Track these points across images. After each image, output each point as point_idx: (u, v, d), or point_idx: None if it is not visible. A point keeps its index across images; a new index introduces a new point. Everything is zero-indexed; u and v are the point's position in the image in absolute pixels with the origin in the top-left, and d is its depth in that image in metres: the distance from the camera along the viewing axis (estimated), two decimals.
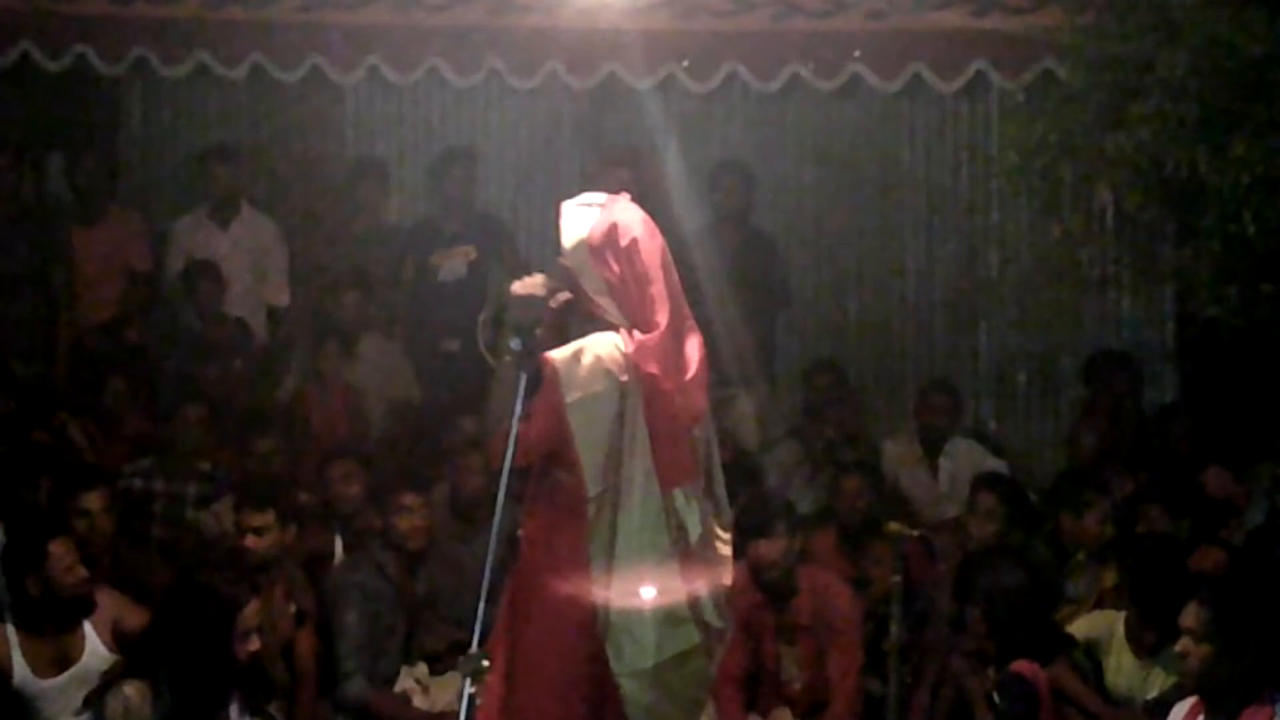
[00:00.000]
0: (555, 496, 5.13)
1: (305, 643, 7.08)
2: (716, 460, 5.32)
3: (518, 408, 4.98)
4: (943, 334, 9.78)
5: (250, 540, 6.98)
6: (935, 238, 9.76)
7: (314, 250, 9.50)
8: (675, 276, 5.23)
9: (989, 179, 9.43)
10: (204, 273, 9.04)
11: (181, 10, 8.69)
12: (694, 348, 5.17)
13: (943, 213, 9.71)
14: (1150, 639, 6.64)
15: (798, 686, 7.13)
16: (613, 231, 5.15)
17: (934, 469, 8.60)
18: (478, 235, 9.21)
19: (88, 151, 9.51)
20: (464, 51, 8.63)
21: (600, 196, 5.30)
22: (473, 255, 9.14)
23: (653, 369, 5.08)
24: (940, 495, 8.52)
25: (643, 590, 5.08)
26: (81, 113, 9.75)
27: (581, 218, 5.21)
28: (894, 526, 7.31)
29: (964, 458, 8.58)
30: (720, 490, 5.32)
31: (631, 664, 5.08)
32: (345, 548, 7.58)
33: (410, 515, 7.23)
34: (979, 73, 8.43)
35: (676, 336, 5.14)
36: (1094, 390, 8.81)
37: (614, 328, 5.13)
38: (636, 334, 5.10)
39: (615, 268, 5.13)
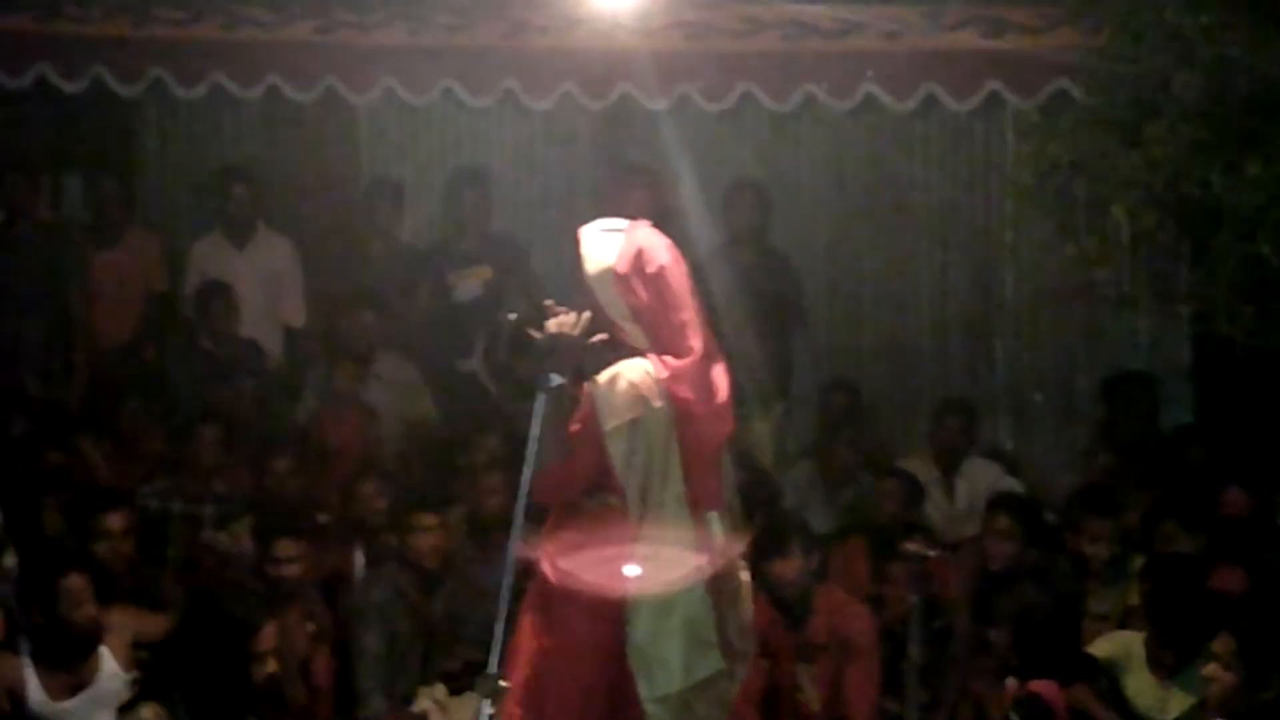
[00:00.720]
0: (593, 522, 5.11)
1: (322, 662, 7.10)
2: (732, 483, 5.32)
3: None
4: (958, 353, 9.78)
5: (285, 569, 7.00)
6: (950, 257, 9.77)
7: (330, 271, 9.51)
8: (699, 302, 5.24)
9: (1003, 199, 9.44)
10: (217, 294, 9.06)
11: (198, 32, 8.71)
12: (720, 373, 5.16)
13: (957, 232, 9.72)
14: (1169, 660, 6.63)
15: (815, 706, 7.12)
16: (640, 258, 5.13)
17: (950, 488, 8.60)
18: (493, 255, 9.22)
19: (105, 173, 9.55)
20: (479, 72, 8.65)
21: (622, 222, 5.29)
22: (488, 275, 9.16)
23: (687, 394, 5.07)
24: (957, 515, 8.51)
25: (674, 615, 5.08)
26: (98, 134, 9.78)
27: (605, 243, 5.19)
28: (911, 546, 7.30)
29: (980, 477, 8.58)
30: (736, 512, 5.32)
31: (661, 689, 5.07)
32: (367, 566, 7.59)
33: (427, 535, 7.25)
34: (993, 93, 8.44)
35: (708, 361, 5.14)
36: (1112, 411, 8.80)
37: (639, 353, 5.13)
38: (669, 359, 5.09)
39: (643, 294, 5.10)
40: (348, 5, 8.54)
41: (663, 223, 9.23)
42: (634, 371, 5.08)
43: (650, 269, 5.12)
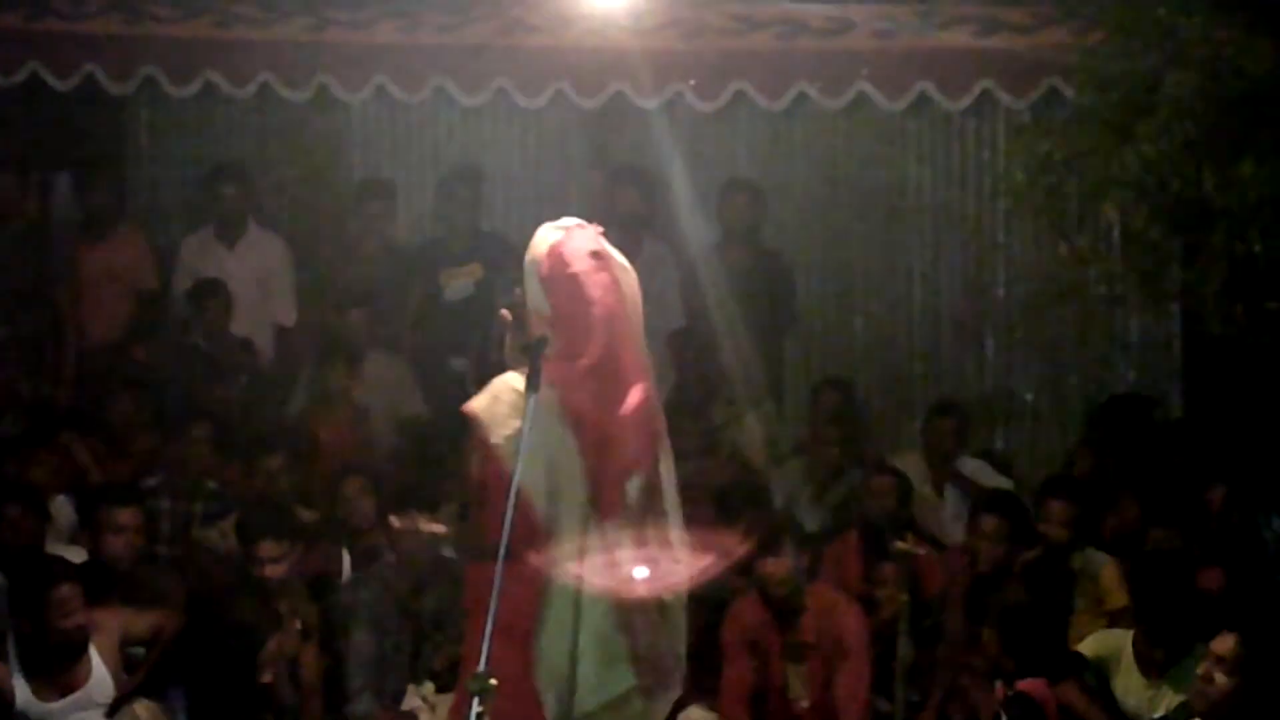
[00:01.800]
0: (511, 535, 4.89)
1: (311, 660, 7.09)
2: (674, 503, 5.17)
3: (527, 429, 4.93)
4: (949, 352, 9.78)
5: (269, 569, 6.99)
6: (942, 256, 9.76)
7: (321, 269, 9.50)
8: (632, 317, 5.11)
9: (995, 197, 9.44)
10: (211, 291, 9.04)
11: (190, 30, 8.71)
12: (636, 393, 5.00)
13: (949, 231, 9.72)
14: (1158, 658, 6.63)
15: (805, 705, 7.12)
16: (561, 260, 5.07)
17: (941, 488, 8.59)
18: (484, 254, 9.20)
19: (96, 171, 9.53)
20: (471, 70, 8.65)
21: (573, 221, 5.25)
22: (479, 274, 9.14)
23: (576, 403, 4.98)
24: (947, 514, 8.51)
25: (581, 634, 4.93)
26: (89, 131, 9.76)
27: (543, 241, 5.16)
28: (901, 545, 7.31)
29: (971, 477, 8.57)
30: (679, 533, 5.15)
31: (570, 710, 4.90)
32: (354, 565, 7.58)
33: (415, 534, 7.24)
34: (985, 91, 8.45)
35: (608, 374, 5.00)
36: (1107, 431, 8.76)
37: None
38: (562, 367, 4.98)
39: (559, 297, 5.04)
40: (340, 4, 8.54)
41: (655, 222, 9.37)
42: (520, 381, 5.00)
43: (568, 271, 5.06)
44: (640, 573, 4.99)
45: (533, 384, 4.94)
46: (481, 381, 5.30)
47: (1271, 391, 8.12)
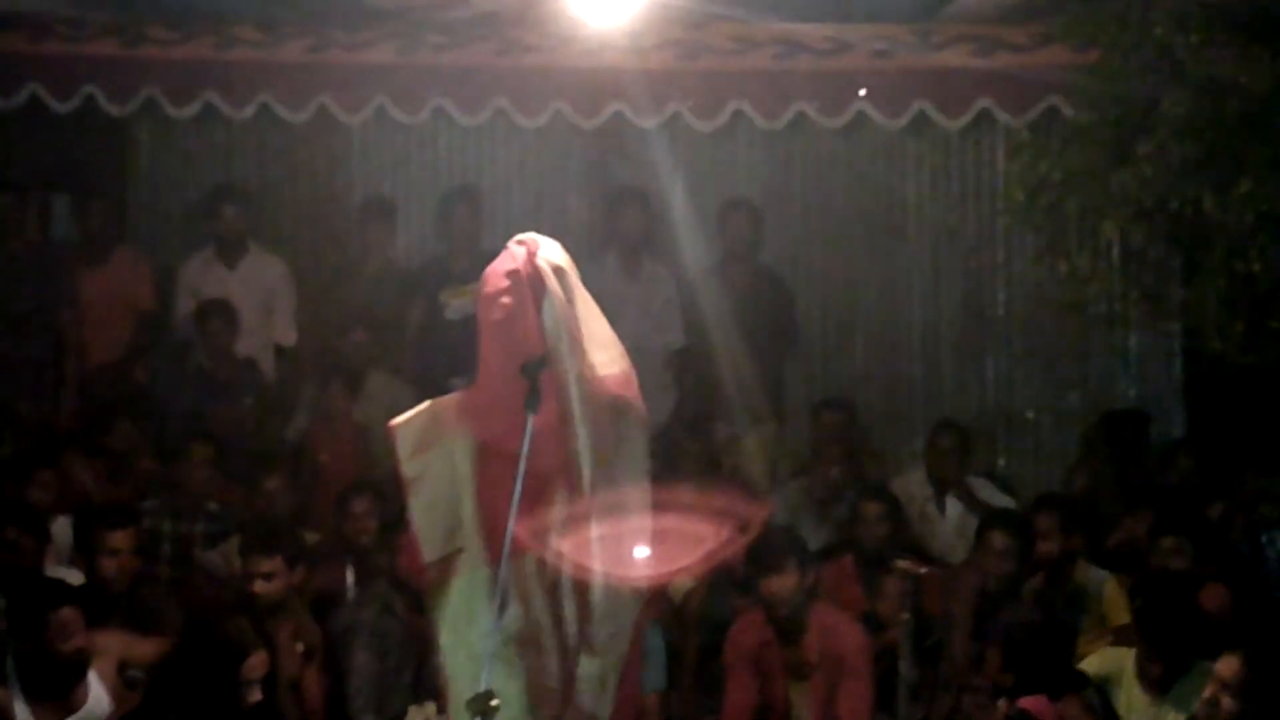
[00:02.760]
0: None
1: (313, 681, 7.08)
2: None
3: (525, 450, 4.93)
4: (950, 371, 9.79)
5: (259, 585, 6.97)
6: (941, 275, 9.78)
7: (321, 289, 9.51)
8: (529, 340, 5.06)
9: (995, 216, 9.46)
10: (217, 312, 9.05)
11: (190, 51, 8.73)
12: (535, 419, 4.92)
13: (949, 250, 9.74)
14: (1161, 676, 6.63)
15: None
16: (491, 280, 5.10)
17: (943, 507, 8.59)
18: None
19: (95, 193, 9.54)
20: (470, 91, 8.68)
21: (529, 236, 5.25)
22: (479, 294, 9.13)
23: (471, 424, 4.97)
24: (949, 533, 8.51)
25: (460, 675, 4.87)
26: (89, 153, 9.77)
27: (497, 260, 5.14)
28: (903, 564, 7.30)
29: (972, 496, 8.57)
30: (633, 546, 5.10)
31: None
32: (357, 585, 7.57)
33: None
34: (984, 110, 8.49)
35: (500, 396, 4.97)
36: (1105, 447, 8.77)
37: None
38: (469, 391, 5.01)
39: (485, 316, 5.05)
40: (339, 25, 8.56)
41: (654, 240, 9.38)
42: (442, 402, 4.99)
43: (489, 291, 5.08)
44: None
45: (531, 404, 4.93)
46: None
47: (1272, 408, 8.13)
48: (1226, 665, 5.75)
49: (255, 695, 6.69)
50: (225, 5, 8.27)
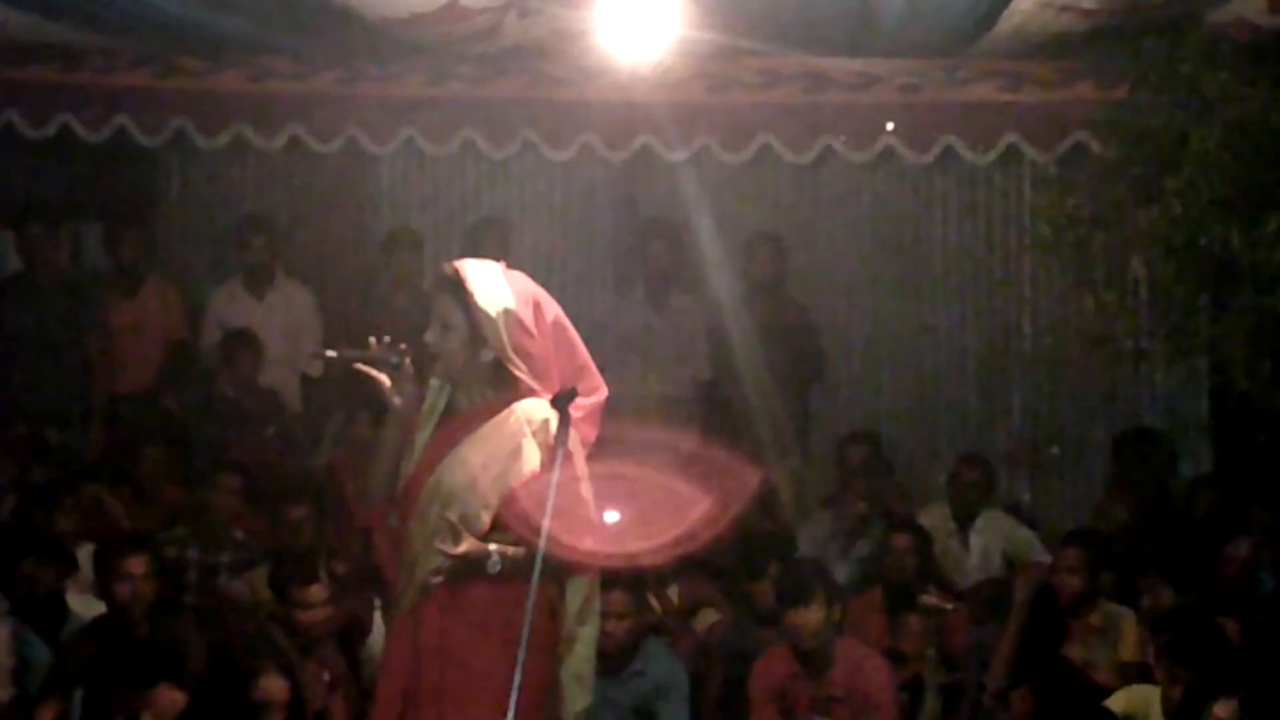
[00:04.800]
0: None
1: (339, 712, 7.07)
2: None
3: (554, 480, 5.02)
4: (976, 405, 9.78)
5: (302, 615, 6.98)
6: (968, 309, 9.78)
7: (349, 320, 9.53)
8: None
9: (1022, 251, 9.46)
10: (243, 342, 9.09)
11: (221, 83, 8.76)
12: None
13: (976, 285, 9.73)
14: (1187, 713, 6.60)
15: None
16: (539, 307, 5.23)
17: (966, 541, 8.58)
18: None
19: (126, 222, 9.59)
20: (499, 123, 8.70)
21: (493, 262, 5.27)
22: None
23: (590, 432, 5.27)
24: (972, 567, 8.49)
25: None
26: (119, 183, 9.83)
27: (495, 283, 5.18)
28: (928, 600, 7.28)
29: (995, 530, 8.56)
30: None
31: None
32: (385, 616, 7.56)
33: None
34: (1011, 145, 8.48)
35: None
36: (1124, 467, 8.79)
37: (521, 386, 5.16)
38: (581, 400, 5.17)
39: (539, 338, 5.20)
40: (369, 57, 8.59)
41: (681, 273, 9.40)
42: (542, 411, 5.11)
43: (548, 315, 5.19)
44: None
45: (560, 438, 5.00)
46: None
47: None
48: (1223, 708, 5.73)
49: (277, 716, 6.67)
50: (256, 37, 8.30)
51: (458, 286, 5.16)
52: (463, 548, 5.02)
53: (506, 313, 5.11)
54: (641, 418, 7.35)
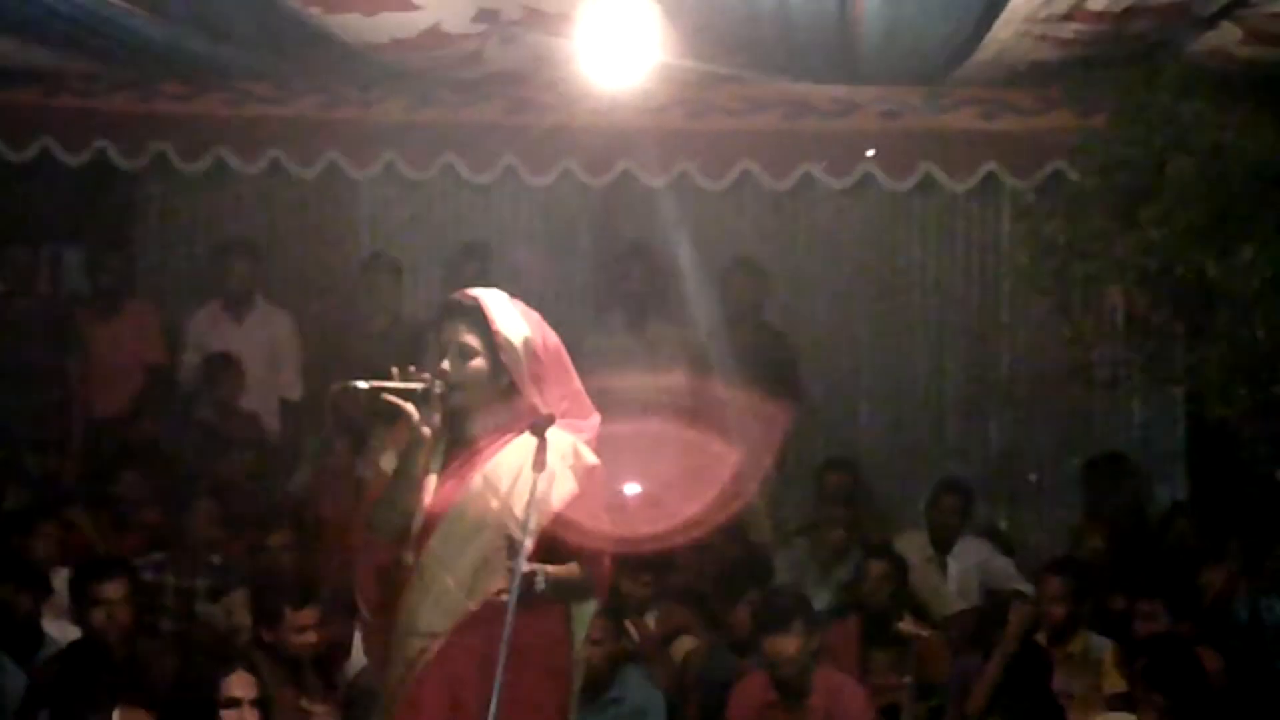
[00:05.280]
0: None
1: None
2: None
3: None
4: (953, 432, 9.80)
5: (297, 639, 6.94)
6: (946, 336, 9.80)
7: (328, 344, 9.54)
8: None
9: (1000, 279, 9.50)
10: (224, 365, 9.09)
11: (201, 107, 8.79)
12: None
13: (953, 312, 9.76)
14: None
15: None
16: (544, 331, 5.24)
17: (944, 567, 8.59)
18: None
19: (106, 245, 9.59)
20: (479, 149, 8.73)
21: (497, 290, 5.33)
22: None
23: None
24: (950, 593, 8.50)
25: None
26: (99, 207, 9.82)
27: (510, 311, 5.22)
28: (905, 627, 7.28)
29: (973, 556, 8.57)
30: None
31: None
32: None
33: None
34: (990, 173, 8.53)
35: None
36: (1093, 492, 8.81)
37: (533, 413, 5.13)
38: (581, 424, 5.20)
39: (546, 364, 5.19)
40: (350, 81, 8.61)
41: (661, 300, 9.40)
42: (567, 436, 5.11)
43: (551, 342, 5.20)
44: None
45: (538, 463, 5.00)
46: None
47: (1273, 474, 8.13)
48: None
49: (248, 715, 6.59)
50: (237, 62, 8.31)
51: (478, 315, 5.16)
52: (525, 566, 4.94)
53: (526, 341, 5.13)
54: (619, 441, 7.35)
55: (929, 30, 7.24)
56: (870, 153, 8.57)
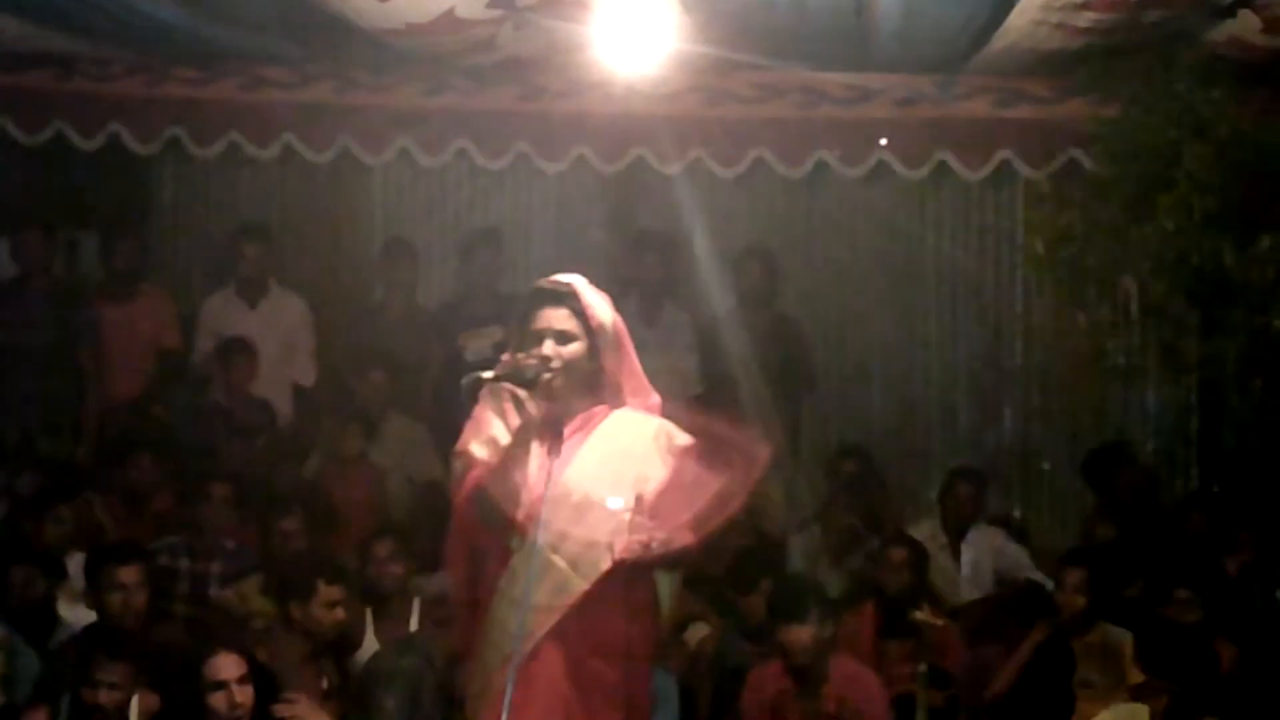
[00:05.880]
0: None
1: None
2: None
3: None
4: (967, 420, 9.81)
5: (327, 616, 6.93)
6: (960, 325, 9.80)
7: (341, 330, 9.54)
8: None
9: (1014, 267, 9.49)
10: (238, 350, 9.09)
11: (215, 91, 8.77)
12: None
13: (968, 300, 9.76)
14: None
15: None
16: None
17: (957, 555, 8.59)
18: (504, 317, 9.24)
19: (120, 230, 9.59)
20: (493, 135, 8.71)
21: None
22: (499, 337, 9.16)
23: None
24: (963, 581, 8.50)
25: None
26: (113, 191, 9.82)
27: (600, 298, 5.30)
28: (920, 615, 7.27)
29: (985, 544, 8.57)
30: None
31: None
32: (376, 629, 7.55)
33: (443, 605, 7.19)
34: (1005, 161, 8.50)
35: None
36: (1095, 483, 8.80)
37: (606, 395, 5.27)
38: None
39: (624, 349, 5.35)
40: (364, 67, 8.60)
41: (675, 287, 9.40)
42: (654, 418, 5.29)
43: (621, 325, 5.30)
44: None
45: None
46: None
47: None
48: None
49: (239, 697, 6.57)
50: (251, 46, 8.31)
51: (573, 299, 5.20)
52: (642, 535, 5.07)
53: (615, 324, 5.23)
54: None
55: (944, 18, 7.23)
56: (884, 141, 8.55)
